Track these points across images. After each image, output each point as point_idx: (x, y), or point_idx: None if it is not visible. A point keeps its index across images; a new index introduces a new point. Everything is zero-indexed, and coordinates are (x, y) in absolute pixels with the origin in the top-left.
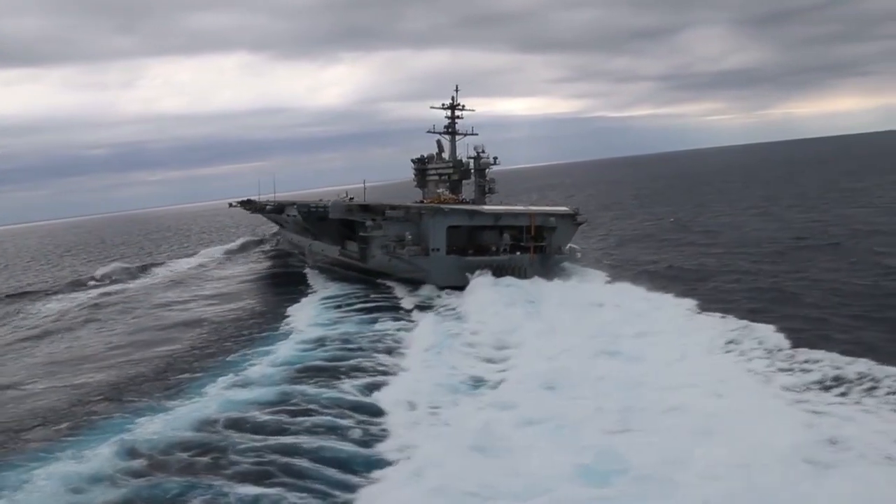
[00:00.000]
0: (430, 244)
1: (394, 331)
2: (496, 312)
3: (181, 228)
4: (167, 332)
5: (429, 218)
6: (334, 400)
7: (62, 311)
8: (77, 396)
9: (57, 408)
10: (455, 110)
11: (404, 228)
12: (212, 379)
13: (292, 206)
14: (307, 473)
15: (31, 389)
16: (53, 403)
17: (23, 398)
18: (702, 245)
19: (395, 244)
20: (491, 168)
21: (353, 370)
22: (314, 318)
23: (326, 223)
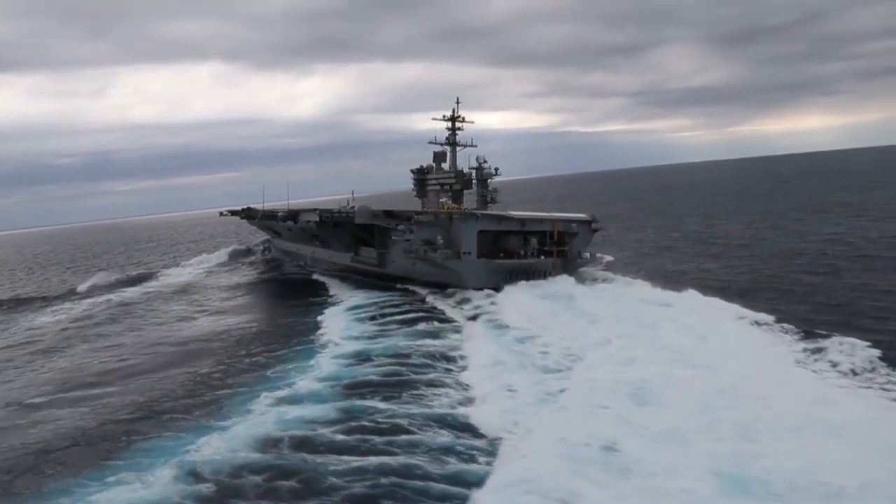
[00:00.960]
0: (461, 248)
1: (445, 342)
2: (549, 321)
3: (161, 238)
4: (185, 347)
5: (460, 222)
6: (416, 416)
7: (59, 323)
8: (107, 415)
9: (87, 427)
10: (455, 122)
11: (435, 233)
12: (253, 395)
13: (311, 213)
14: (421, 496)
15: (54, 409)
16: (83, 423)
17: (48, 419)
18: (739, 256)
19: (425, 248)
20: (493, 178)
21: (418, 385)
22: (347, 330)
23: (339, 230)
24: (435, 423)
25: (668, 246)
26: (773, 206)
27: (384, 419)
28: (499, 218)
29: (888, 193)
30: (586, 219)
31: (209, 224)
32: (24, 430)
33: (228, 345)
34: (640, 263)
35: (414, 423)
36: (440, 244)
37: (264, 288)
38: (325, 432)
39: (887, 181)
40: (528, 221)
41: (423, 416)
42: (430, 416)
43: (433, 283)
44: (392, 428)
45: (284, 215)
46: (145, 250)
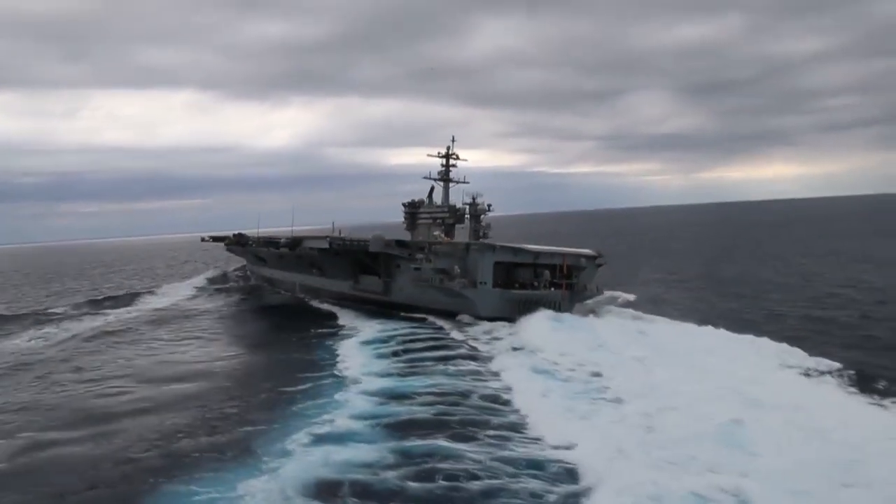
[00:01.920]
0: (477, 277)
1: (484, 376)
2: (585, 355)
3: (130, 262)
4: (190, 378)
5: (478, 253)
6: (486, 459)
7: (41, 350)
8: (123, 455)
9: (102, 469)
10: (450, 159)
11: (452, 262)
12: (285, 432)
13: (317, 240)
14: None
15: (60, 448)
16: (97, 464)
17: (56, 460)
18: (761, 296)
19: (441, 276)
20: (486, 214)
21: (472, 424)
22: (370, 365)
23: (340, 258)
24: (512, 467)
25: (680, 284)
26: (767, 248)
27: (454, 464)
28: (514, 250)
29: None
30: (592, 254)
31: (178, 249)
32: (29, 473)
33: (239, 376)
34: (664, 301)
35: (489, 468)
36: (457, 273)
37: (261, 315)
38: (390, 477)
39: (866, 229)
40: (541, 254)
41: (497, 460)
42: (504, 459)
43: (442, 311)
44: (466, 474)
45: (287, 242)
46: (120, 273)
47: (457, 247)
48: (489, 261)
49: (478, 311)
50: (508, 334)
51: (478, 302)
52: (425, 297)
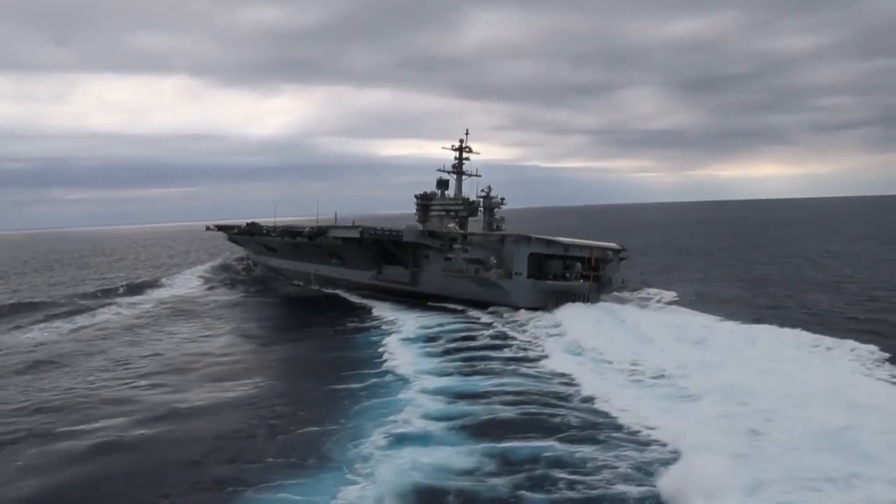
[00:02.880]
0: (512, 268)
1: (551, 377)
2: (658, 352)
3: (128, 250)
4: (231, 376)
5: (513, 244)
6: (600, 467)
7: (59, 343)
8: (179, 459)
9: (165, 474)
10: (463, 152)
11: (488, 253)
12: (356, 435)
13: (345, 229)
14: None
15: (107, 454)
16: (159, 469)
17: (110, 469)
18: (821, 294)
19: (477, 267)
20: (500, 207)
21: (566, 428)
22: (424, 361)
23: (363, 248)
24: (638, 472)
25: (719, 282)
26: (788, 247)
27: (565, 471)
28: (547, 242)
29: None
30: (617, 248)
31: (175, 238)
32: (88, 483)
33: (283, 372)
34: (708, 299)
35: (606, 474)
36: (493, 264)
37: (287, 307)
38: (499, 485)
39: (876, 231)
40: (571, 247)
41: (611, 464)
42: (617, 464)
43: (473, 301)
44: (583, 482)
45: (311, 231)
46: (121, 262)
47: (491, 238)
48: (524, 252)
49: (512, 300)
50: (554, 331)
51: (513, 292)
52: (456, 288)
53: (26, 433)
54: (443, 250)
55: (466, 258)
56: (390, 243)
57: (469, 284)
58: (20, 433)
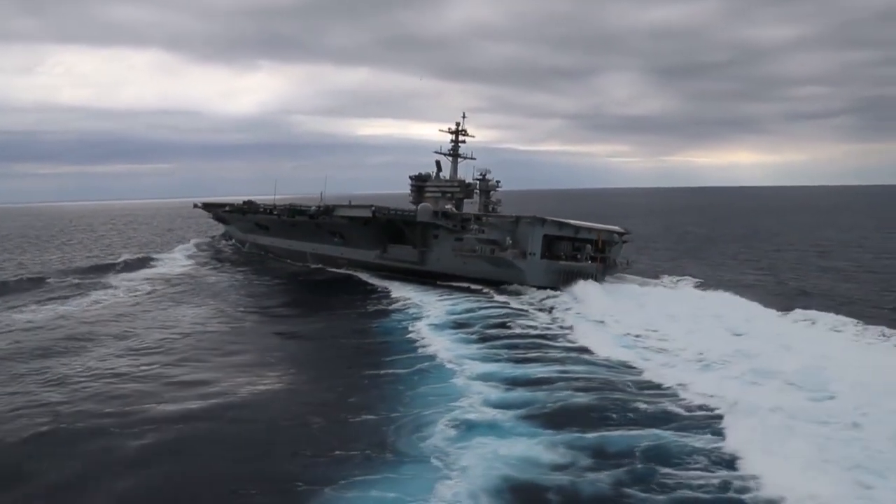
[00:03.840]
0: (527, 248)
1: (607, 364)
2: (691, 332)
3: (105, 227)
4: (259, 363)
5: (528, 226)
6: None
7: (54, 324)
8: (235, 455)
9: (223, 471)
10: (459, 135)
11: (504, 234)
12: (419, 424)
13: (355, 208)
14: None
15: (160, 448)
16: (214, 469)
17: (156, 453)
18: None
19: (493, 247)
20: (496, 190)
21: (655, 416)
22: (460, 345)
23: (369, 227)
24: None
25: (743, 268)
26: (787, 236)
27: (675, 468)
28: (560, 224)
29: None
30: (621, 231)
31: (149, 215)
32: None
33: (316, 358)
34: (739, 285)
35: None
36: (509, 244)
37: (297, 287)
38: (598, 480)
39: (858, 221)
40: (581, 229)
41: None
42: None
43: (484, 280)
44: (689, 476)
45: (318, 210)
46: (105, 238)
47: (506, 220)
48: (539, 233)
49: (526, 280)
50: (588, 313)
51: (527, 272)
52: (468, 267)
53: (68, 437)
54: (455, 230)
55: (482, 238)
56: (402, 223)
57: (482, 264)
58: (60, 433)
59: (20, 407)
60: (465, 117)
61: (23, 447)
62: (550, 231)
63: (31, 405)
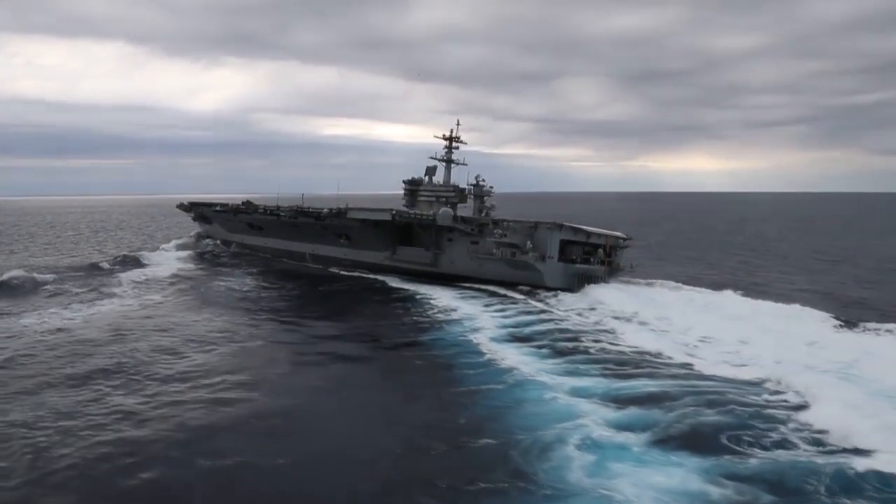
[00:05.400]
0: (546, 252)
1: (708, 377)
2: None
3: (73, 224)
4: (327, 378)
5: (547, 231)
6: None
7: (61, 337)
8: (368, 484)
9: None
10: (453, 142)
11: (524, 238)
12: (541, 448)
13: (372, 211)
14: None
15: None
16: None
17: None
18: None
19: (513, 251)
20: (490, 195)
21: (796, 440)
22: (535, 359)
23: (379, 229)
24: None
25: (771, 275)
26: (787, 244)
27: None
28: (574, 230)
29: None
30: (624, 237)
31: (109, 210)
32: None
33: (391, 374)
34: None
35: None
36: (529, 248)
37: (322, 293)
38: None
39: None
40: (592, 235)
41: None
42: None
43: (500, 282)
44: None
45: (331, 213)
46: (82, 235)
47: (525, 224)
48: (556, 238)
49: (545, 282)
50: (652, 320)
51: (546, 274)
52: (484, 269)
53: (141, 460)
54: (471, 234)
55: (502, 242)
56: (418, 226)
57: (500, 266)
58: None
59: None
60: (460, 124)
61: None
62: (566, 236)
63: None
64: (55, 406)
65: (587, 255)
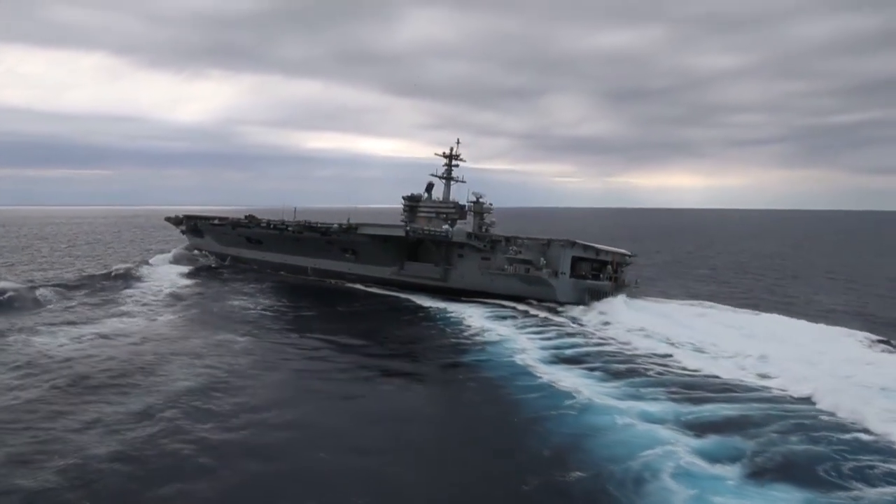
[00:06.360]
0: (558, 268)
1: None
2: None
3: (57, 235)
4: (387, 411)
5: (559, 248)
6: None
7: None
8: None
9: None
10: (452, 159)
11: (538, 255)
12: (635, 480)
13: (393, 228)
14: None
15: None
16: None
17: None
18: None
19: (527, 266)
20: (490, 212)
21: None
22: (589, 382)
23: (389, 244)
24: None
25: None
26: (792, 260)
27: None
28: (584, 247)
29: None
30: (629, 254)
31: (94, 223)
32: None
33: (449, 405)
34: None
35: None
36: (543, 264)
37: (345, 312)
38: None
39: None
40: (601, 252)
41: None
42: None
43: (512, 296)
44: None
45: (341, 228)
46: (77, 248)
47: (538, 241)
48: (568, 255)
49: (557, 296)
50: (697, 347)
51: (558, 289)
52: (495, 284)
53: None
54: (483, 250)
55: (514, 258)
56: (430, 242)
57: (512, 281)
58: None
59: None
60: (460, 143)
61: None
62: (577, 253)
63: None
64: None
65: (595, 272)
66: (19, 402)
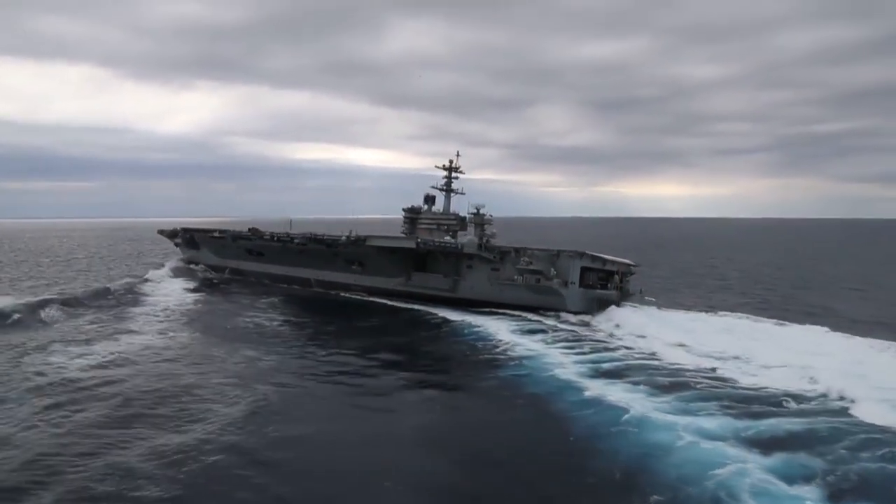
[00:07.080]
0: (568, 278)
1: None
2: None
3: (51, 249)
4: (425, 436)
5: (569, 259)
6: None
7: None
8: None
9: None
10: (452, 172)
11: (548, 265)
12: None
13: (404, 240)
14: None
15: None
16: None
17: None
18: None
19: (538, 277)
20: (491, 223)
21: None
22: (636, 397)
23: (396, 255)
24: None
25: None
26: (799, 270)
27: None
28: (592, 258)
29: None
30: (633, 264)
31: (85, 236)
32: None
33: (503, 429)
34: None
35: None
36: (553, 275)
37: (351, 325)
38: None
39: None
40: (608, 262)
41: None
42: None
43: (521, 306)
44: None
45: (349, 241)
46: (74, 261)
47: (548, 252)
48: (577, 265)
49: (566, 306)
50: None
51: (568, 299)
52: (505, 295)
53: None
54: (492, 261)
55: (524, 269)
56: (440, 254)
57: (522, 291)
58: None
59: None
60: (460, 156)
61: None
62: (586, 263)
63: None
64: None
65: (602, 281)
66: (63, 432)
